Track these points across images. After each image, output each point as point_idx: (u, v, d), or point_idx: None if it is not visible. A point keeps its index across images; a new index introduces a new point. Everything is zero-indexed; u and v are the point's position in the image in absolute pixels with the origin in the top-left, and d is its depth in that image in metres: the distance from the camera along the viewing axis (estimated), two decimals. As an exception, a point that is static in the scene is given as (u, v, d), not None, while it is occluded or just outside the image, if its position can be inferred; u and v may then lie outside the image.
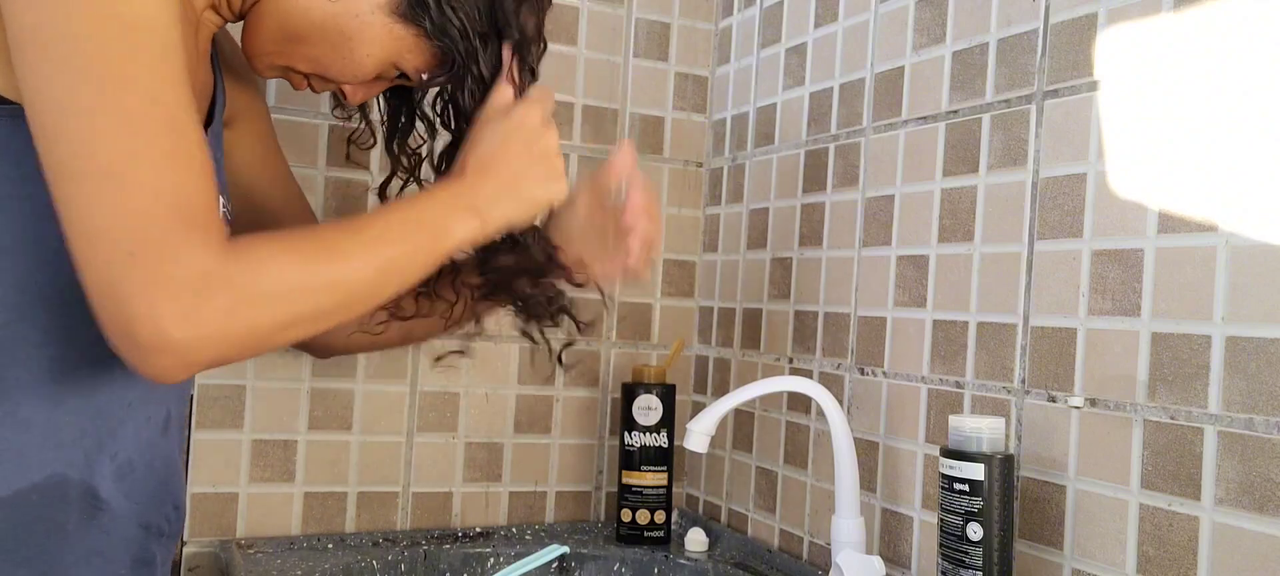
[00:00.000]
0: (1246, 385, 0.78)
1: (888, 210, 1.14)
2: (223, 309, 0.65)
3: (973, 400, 1.01)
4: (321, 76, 0.87)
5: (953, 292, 1.04)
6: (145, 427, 0.80)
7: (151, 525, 0.81)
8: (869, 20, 1.19)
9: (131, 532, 0.79)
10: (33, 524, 0.72)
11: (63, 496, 0.73)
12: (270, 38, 0.84)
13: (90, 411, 0.75)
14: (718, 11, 1.51)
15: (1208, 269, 0.81)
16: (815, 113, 1.28)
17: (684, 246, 1.50)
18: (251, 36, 0.85)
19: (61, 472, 0.73)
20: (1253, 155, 0.78)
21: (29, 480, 0.72)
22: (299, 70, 0.87)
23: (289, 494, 1.30)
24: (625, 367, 1.45)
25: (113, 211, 0.63)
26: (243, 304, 0.66)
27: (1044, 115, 0.96)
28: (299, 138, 1.29)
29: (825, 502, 1.21)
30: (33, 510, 0.72)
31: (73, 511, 0.74)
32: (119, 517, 0.77)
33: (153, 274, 0.63)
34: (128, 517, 0.79)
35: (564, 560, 1.28)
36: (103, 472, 0.76)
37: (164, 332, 0.63)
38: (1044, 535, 0.93)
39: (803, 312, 1.27)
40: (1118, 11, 0.90)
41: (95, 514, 0.76)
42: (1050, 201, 0.94)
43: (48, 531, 0.73)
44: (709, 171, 1.51)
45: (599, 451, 1.46)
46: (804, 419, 1.26)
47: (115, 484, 0.77)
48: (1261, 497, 0.76)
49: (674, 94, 1.50)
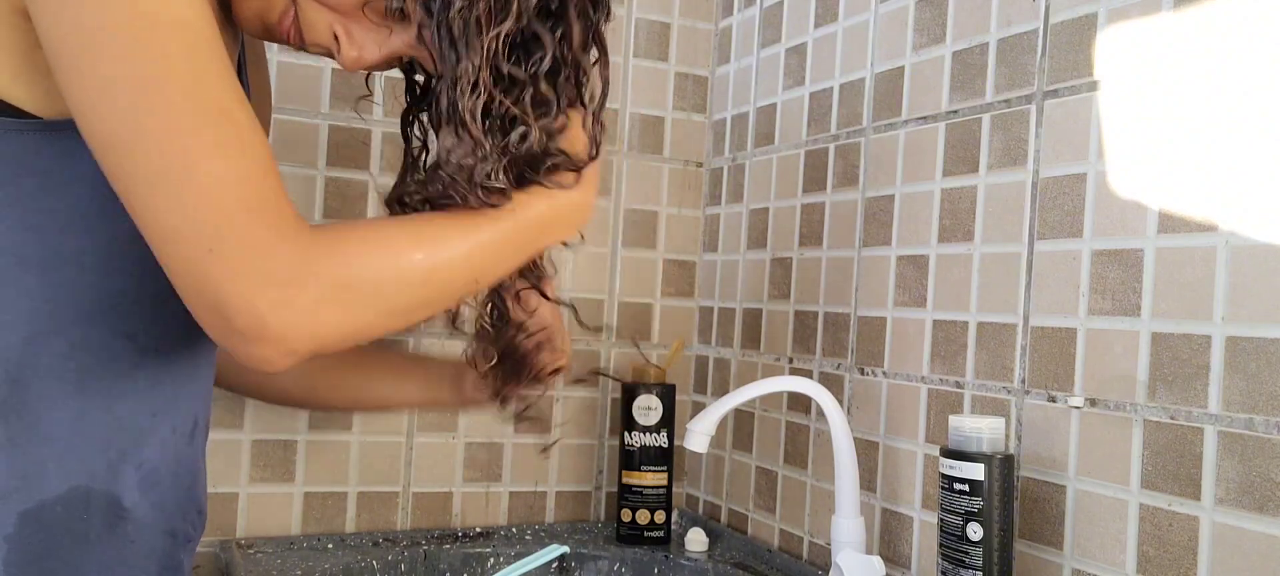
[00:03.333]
0: (1246, 385, 0.78)
1: (888, 210, 1.14)
2: (312, 299, 0.65)
3: (973, 400, 1.01)
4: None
5: (953, 292, 1.04)
6: (172, 436, 0.79)
7: (178, 532, 0.81)
8: (869, 20, 1.19)
9: (157, 541, 0.78)
10: (57, 535, 0.72)
11: (86, 507, 0.73)
12: None
13: (113, 422, 0.74)
14: (718, 11, 1.51)
15: (1208, 269, 0.81)
16: (815, 113, 1.28)
17: (684, 246, 1.50)
18: None
19: (84, 484, 0.73)
20: (1253, 155, 0.78)
21: (52, 492, 0.71)
22: None
23: (289, 494, 1.30)
24: (625, 368, 1.45)
25: (180, 210, 0.62)
26: (331, 295, 0.66)
27: (1044, 115, 0.96)
28: (299, 138, 1.29)
29: (825, 502, 1.21)
30: (57, 521, 0.72)
31: (96, 521, 0.74)
32: (144, 527, 0.77)
33: (236, 265, 0.62)
34: (153, 526, 0.78)
35: (564, 560, 1.28)
36: (127, 482, 0.75)
37: (262, 321, 0.63)
38: (1044, 535, 0.93)
39: (803, 312, 1.27)
40: (1118, 11, 0.90)
41: (118, 523, 0.75)
42: (1050, 201, 0.94)
43: (72, 542, 0.72)
44: (709, 171, 1.51)
45: (599, 451, 1.46)
46: (804, 419, 1.26)
47: (141, 493, 0.76)
48: (1261, 497, 0.76)
49: (674, 94, 1.50)
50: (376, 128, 1.32)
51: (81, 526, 0.73)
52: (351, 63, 0.78)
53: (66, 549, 0.72)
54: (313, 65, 1.30)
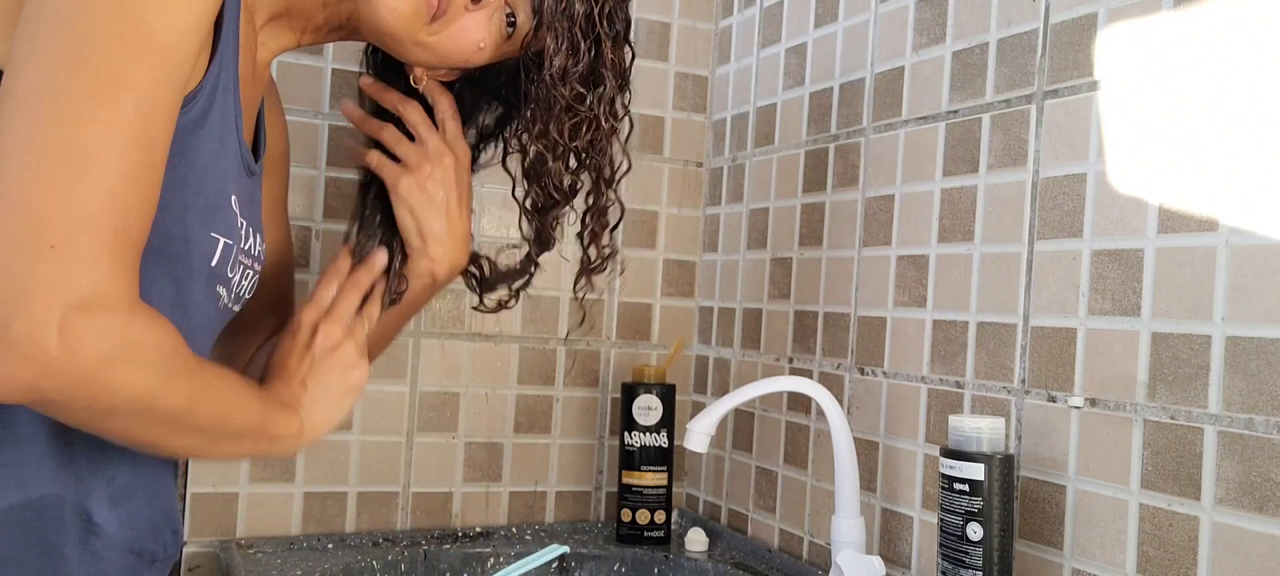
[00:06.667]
0: (1246, 385, 0.78)
1: (888, 210, 1.14)
2: (101, 345, 0.60)
3: (973, 400, 1.01)
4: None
5: (953, 292, 1.04)
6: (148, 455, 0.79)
7: (145, 552, 0.79)
8: (869, 20, 1.19)
9: (125, 560, 0.77)
10: (30, 542, 0.71)
11: (58, 517, 0.72)
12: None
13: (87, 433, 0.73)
14: (718, 11, 1.51)
15: (1208, 269, 0.81)
16: (815, 113, 1.28)
17: (684, 246, 1.50)
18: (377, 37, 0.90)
19: (57, 493, 0.72)
20: (1253, 154, 0.78)
21: (25, 496, 0.70)
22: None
23: (289, 494, 1.30)
24: (625, 367, 1.45)
25: (57, 195, 0.59)
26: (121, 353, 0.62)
27: (1044, 115, 0.96)
28: (299, 138, 1.29)
29: (825, 502, 1.21)
30: (30, 528, 0.71)
31: (69, 534, 0.73)
32: (112, 544, 0.75)
33: (63, 276, 0.59)
34: (121, 544, 0.76)
35: (564, 560, 1.28)
36: (98, 496, 0.74)
37: (40, 341, 0.58)
38: (1044, 535, 0.93)
39: (803, 312, 1.27)
40: (1118, 11, 0.89)
41: (88, 538, 0.74)
42: (1050, 201, 0.94)
43: (42, 552, 0.71)
44: (709, 171, 1.51)
45: (599, 451, 1.46)
46: (804, 419, 1.26)
47: (111, 509, 0.75)
48: (1261, 497, 0.76)
49: (674, 94, 1.50)
50: (376, 128, 1.32)
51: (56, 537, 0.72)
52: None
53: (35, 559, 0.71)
54: (313, 65, 1.30)
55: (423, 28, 0.86)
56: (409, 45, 0.88)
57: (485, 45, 0.90)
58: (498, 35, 0.91)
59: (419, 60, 0.92)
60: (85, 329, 0.60)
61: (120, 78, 0.62)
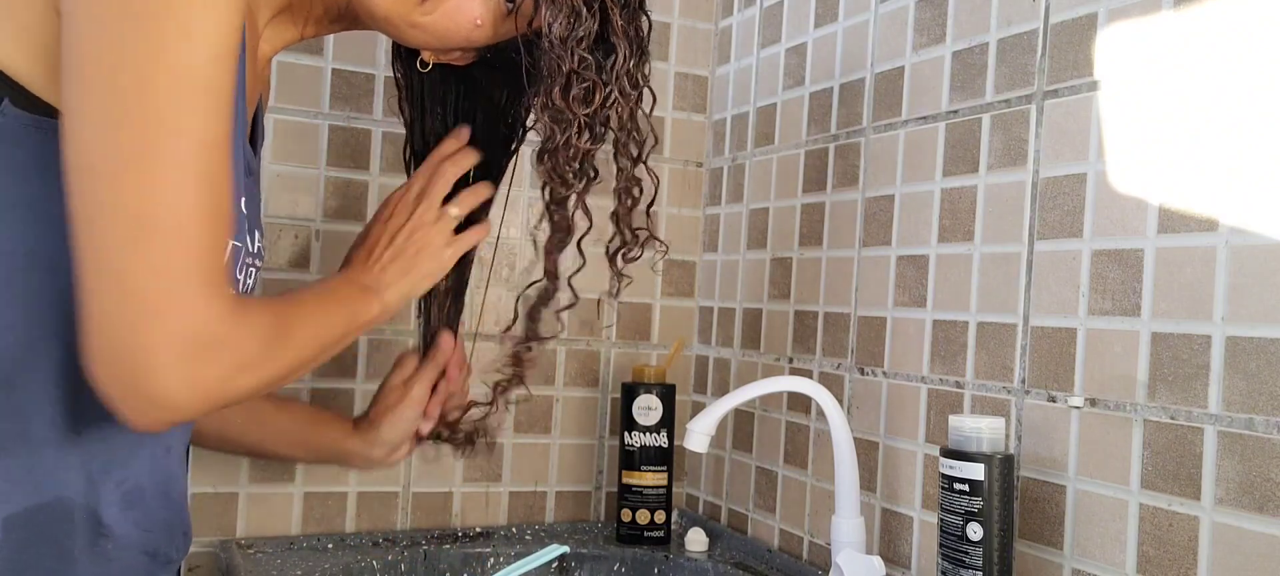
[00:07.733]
0: (1246, 385, 0.78)
1: (888, 210, 1.14)
2: (221, 375, 0.67)
3: (973, 400, 1.01)
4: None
5: (953, 292, 1.04)
6: (161, 455, 0.79)
7: (159, 553, 0.79)
8: (869, 20, 1.19)
9: (137, 561, 0.77)
10: (41, 544, 0.71)
11: (68, 519, 0.72)
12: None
13: (100, 436, 0.73)
14: (718, 11, 1.51)
15: (1208, 269, 0.81)
16: (815, 113, 1.28)
17: (684, 246, 1.50)
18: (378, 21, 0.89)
19: (67, 496, 0.72)
20: (1253, 154, 0.78)
21: (37, 499, 0.71)
22: None
23: (289, 494, 1.30)
24: (625, 367, 1.45)
25: (141, 260, 0.63)
26: (237, 371, 0.69)
27: (1044, 115, 0.96)
28: (299, 137, 1.29)
29: (825, 502, 1.21)
30: (41, 530, 0.71)
31: (78, 536, 0.73)
32: (124, 546, 0.76)
33: (172, 333, 0.64)
34: (134, 545, 0.77)
35: (564, 560, 1.28)
36: (108, 498, 0.74)
37: (168, 391, 0.65)
38: (1044, 535, 0.93)
39: (803, 312, 1.27)
40: (1118, 11, 0.89)
41: (98, 540, 0.74)
42: (1050, 201, 0.94)
43: (55, 555, 0.72)
44: (709, 171, 1.51)
45: (599, 451, 1.46)
46: (804, 419, 1.26)
47: (122, 511, 0.75)
48: (1261, 497, 0.76)
49: (674, 94, 1.50)
50: (376, 128, 1.32)
51: (66, 540, 0.72)
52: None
53: (48, 561, 0.72)
54: (313, 65, 1.30)
55: (415, 9, 0.86)
56: (404, 28, 0.87)
57: (483, 22, 0.88)
58: (496, 10, 0.88)
59: (418, 43, 0.91)
60: (201, 369, 0.66)
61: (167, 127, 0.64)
